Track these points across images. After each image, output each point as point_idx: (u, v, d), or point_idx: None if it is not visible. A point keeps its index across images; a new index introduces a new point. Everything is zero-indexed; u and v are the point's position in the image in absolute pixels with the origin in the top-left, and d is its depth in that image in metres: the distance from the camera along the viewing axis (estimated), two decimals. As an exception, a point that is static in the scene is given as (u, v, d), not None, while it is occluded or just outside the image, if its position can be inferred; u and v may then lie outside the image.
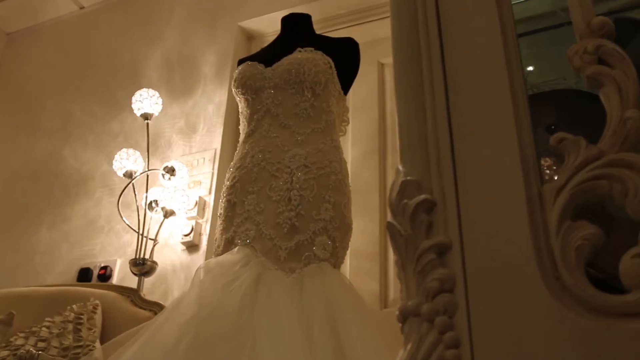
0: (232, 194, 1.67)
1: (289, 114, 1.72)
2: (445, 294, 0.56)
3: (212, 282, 1.42)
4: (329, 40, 1.93)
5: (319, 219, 1.57)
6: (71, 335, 1.59)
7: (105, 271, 2.23)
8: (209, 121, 2.39)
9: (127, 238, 2.31)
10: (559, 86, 0.90)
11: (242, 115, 1.85)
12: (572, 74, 0.98)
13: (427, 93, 0.66)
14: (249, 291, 1.39)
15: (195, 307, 1.35)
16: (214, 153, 2.30)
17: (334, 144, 1.74)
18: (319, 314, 1.37)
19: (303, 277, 1.49)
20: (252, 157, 1.69)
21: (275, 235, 1.54)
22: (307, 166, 1.63)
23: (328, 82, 1.78)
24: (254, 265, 1.47)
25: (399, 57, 0.71)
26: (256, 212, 1.60)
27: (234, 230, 1.61)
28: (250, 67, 1.83)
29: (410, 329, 0.57)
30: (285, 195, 1.59)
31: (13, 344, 1.64)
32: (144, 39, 2.79)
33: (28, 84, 3.06)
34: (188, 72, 2.57)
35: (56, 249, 2.44)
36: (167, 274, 2.15)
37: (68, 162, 2.66)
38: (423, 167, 0.63)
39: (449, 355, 0.53)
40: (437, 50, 0.68)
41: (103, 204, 2.44)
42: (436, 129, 0.64)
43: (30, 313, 1.90)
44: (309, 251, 1.53)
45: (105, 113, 2.69)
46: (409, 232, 0.60)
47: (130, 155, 2.18)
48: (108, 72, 2.82)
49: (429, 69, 0.67)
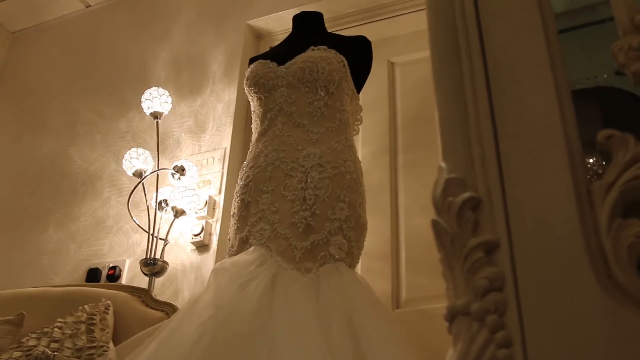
0: (245, 193, 1.66)
1: (302, 112, 1.71)
2: (495, 293, 0.55)
3: (228, 282, 1.41)
4: (341, 38, 1.92)
5: (334, 219, 1.56)
6: (84, 335, 1.57)
7: (114, 271, 2.22)
8: (218, 120, 2.38)
9: (136, 238, 2.29)
10: (590, 84, 0.89)
11: (254, 114, 1.84)
12: (600, 71, 0.97)
13: (468, 90, 0.66)
14: (266, 292, 1.38)
15: (212, 308, 1.34)
16: (224, 152, 2.29)
17: (348, 143, 1.73)
18: (337, 315, 1.36)
19: (319, 278, 1.47)
20: (265, 156, 1.68)
21: (291, 234, 1.53)
22: (322, 165, 1.62)
23: (342, 80, 1.77)
24: (270, 265, 1.46)
25: (438, 55, 0.70)
26: (271, 211, 1.59)
27: (248, 230, 1.60)
28: (263, 65, 1.82)
29: (459, 328, 0.56)
30: (300, 194, 1.58)
31: (25, 345, 1.62)
32: (151, 38, 2.78)
33: (33, 83, 3.04)
34: (196, 71, 2.56)
35: (64, 249, 2.42)
36: (177, 274, 2.14)
37: (75, 161, 2.65)
38: (466, 164, 0.62)
39: (501, 354, 0.53)
40: (477, 47, 0.67)
41: (111, 203, 2.43)
42: (479, 126, 0.63)
43: (41, 313, 1.89)
44: (324, 251, 1.52)
45: (113, 112, 2.68)
46: (456, 230, 0.59)
47: (140, 155, 2.17)
48: (115, 71, 2.80)
49: (470, 67, 0.67)
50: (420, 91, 2.38)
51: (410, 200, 2.20)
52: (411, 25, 2.47)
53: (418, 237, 2.12)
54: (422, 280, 2.07)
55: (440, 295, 2.18)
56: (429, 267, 2.08)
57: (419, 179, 2.22)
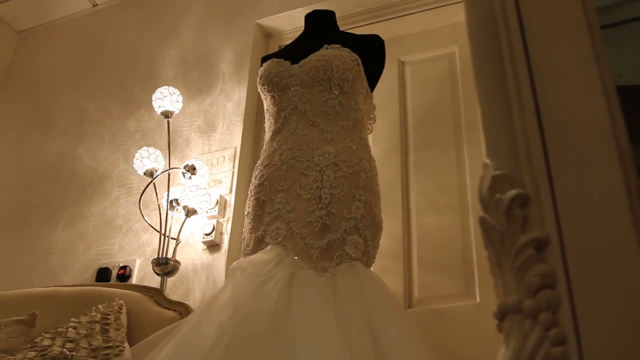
0: (260, 193, 1.65)
1: (317, 111, 1.70)
2: (547, 290, 0.55)
3: (246, 281, 1.41)
4: (355, 37, 1.92)
5: (350, 218, 1.56)
6: (99, 335, 1.56)
7: (124, 271, 2.20)
8: (228, 119, 2.37)
9: (146, 237, 2.28)
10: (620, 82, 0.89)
11: (267, 112, 1.83)
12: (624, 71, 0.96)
13: (511, 86, 0.65)
14: (284, 291, 1.38)
15: (231, 308, 1.33)
16: (234, 151, 2.28)
17: (362, 142, 1.72)
18: (356, 314, 1.36)
19: (336, 277, 1.47)
20: (280, 155, 1.67)
21: (307, 234, 1.53)
22: (337, 164, 1.62)
23: (355, 79, 1.76)
24: (287, 264, 1.46)
25: (478, 51, 0.69)
26: (286, 210, 1.58)
27: (263, 229, 1.59)
28: (276, 64, 1.81)
29: (511, 325, 0.55)
30: (315, 193, 1.58)
31: (39, 345, 1.61)
32: (159, 37, 2.77)
33: (41, 83, 3.03)
34: (205, 70, 2.55)
35: (73, 249, 2.41)
36: (188, 274, 2.13)
37: (84, 160, 2.64)
38: (512, 161, 0.62)
39: (556, 352, 0.52)
40: (519, 42, 0.67)
41: (121, 203, 2.42)
42: (524, 122, 0.63)
43: (52, 313, 1.88)
44: (340, 250, 1.51)
45: (121, 111, 2.67)
46: (505, 227, 0.58)
47: (151, 154, 2.16)
48: (123, 70, 2.79)
49: (512, 62, 0.66)
50: (431, 90, 2.38)
51: (421, 199, 2.19)
52: (421, 24, 2.47)
53: (430, 236, 2.12)
54: (434, 279, 2.06)
55: (452, 295, 2.18)
56: (441, 267, 2.08)
57: (430, 178, 2.21)
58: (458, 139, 2.23)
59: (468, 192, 2.13)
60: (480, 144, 2.27)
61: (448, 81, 2.36)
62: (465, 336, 1.90)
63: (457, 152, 2.21)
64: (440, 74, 2.39)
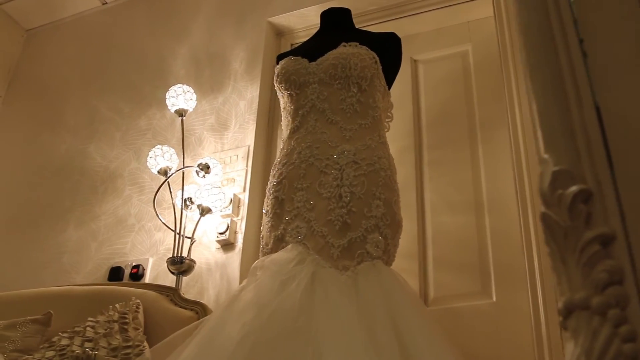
0: (279, 191, 1.64)
1: (335, 109, 1.69)
2: (615, 286, 0.54)
3: (268, 280, 1.40)
4: (372, 34, 1.91)
5: (371, 216, 1.55)
6: (118, 335, 1.55)
7: (137, 270, 2.19)
8: (241, 118, 2.36)
9: (159, 236, 2.27)
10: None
11: (284, 110, 1.82)
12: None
13: (567, 81, 0.64)
14: (307, 290, 1.37)
15: (254, 307, 1.32)
16: (247, 150, 2.27)
17: (381, 140, 1.72)
18: (380, 313, 1.35)
19: (357, 275, 1.46)
20: (299, 153, 1.66)
21: (328, 232, 1.52)
22: (357, 162, 1.61)
23: (374, 77, 1.76)
24: (309, 263, 1.45)
25: (531, 46, 0.68)
26: (306, 209, 1.57)
27: (283, 228, 1.58)
28: (294, 61, 1.80)
29: (578, 322, 0.54)
30: (335, 191, 1.57)
31: (58, 345, 1.60)
32: (170, 35, 2.76)
33: (50, 81, 3.01)
34: (217, 68, 2.54)
35: (84, 248, 2.40)
36: (202, 273, 2.12)
37: (95, 159, 2.62)
38: (572, 156, 0.61)
39: (627, 349, 0.51)
40: (574, 37, 0.66)
41: (133, 201, 2.41)
42: (583, 117, 0.62)
43: (68, 312, 1.87)
44: (361, 249, 1.51)
45: (132, 110, 2.65)
46: (568, 223, 0.57)
47: (165, 152, 2.14)
48: (133, 69, 2.78)
49: (567, 57, 0.65)
50: (444, 89, 2.37)
51: (436, 198, 2.19)
52: (433, 22, 2.46)
53: (445, 235, 2.11)
54: (449, 278, 2.06)
55: (468, 294, 2.17)
56: (456, 265, 2.08)
57: (445, 176, 2.21)
58: (472, 137, 2.23)
59: (483, 190, 2.13)
60: (495, 143, 2.28)
61: (461, 79, 2.35)
62: (481, 335, 1.90)
63: (472, 151, 2.21)
64: (453, 73, 2.38)
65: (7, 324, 1.80)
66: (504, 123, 2.13)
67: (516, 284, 1.91)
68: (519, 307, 1.87)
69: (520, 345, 1.83)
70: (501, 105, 2.17)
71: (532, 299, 1.81)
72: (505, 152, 2.10)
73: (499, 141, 2.15)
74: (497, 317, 1.92)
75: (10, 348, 1.74)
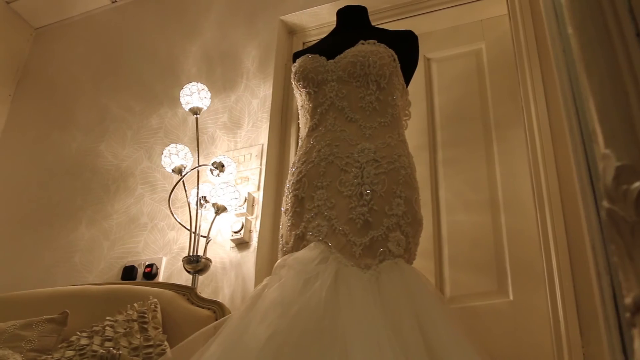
0: (299, 189, 1.63)
1: (354, 107, 1.68)
2: (686, 283, 0.53)
3: (293, 279, 1.39)
4: (389, 32, 1.90)
5: (392, 215, 1.54)
6: (139, 334, 1.54)
7: (150, 269, 2.18)
8: (254, 116, 2.35)
9: (172, 235, 2.26)
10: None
11: (302, 108, 1.81)
12: None
13: (625, 74, 0.63)
14: (331, 289, 1.36)
15: (280, 306, 1.31)
16: (261, 149, 2.26)
17: (400, 138, 1.71)
18: (405, 312, 1.34)
19: (380, 274, 1.46)
20: (318, 151, 1.65)
21: (349, 230, 1.51)
22: (377, 160, 1.60)
23: (392, 75, 1.75)
24: (331, 261, 1.44)
25: (586, 40, 0.67)
26: (327, 207, 1.56)
27: (304, 226, 1.57)
28: (311, 59, 1.79)
29: (648, 319, 0.54)
30: (356, 190, 1.56)
31: (77, 344, 1.59)
32: (181, 33, 2.75)
33: (59, 80, 3.00)
34: (229, 66, 2.53)
35: (96, 247, 2.38)
36: (217, 272, 2.11)
37: (106, 158, 2.61)
38: (634, 151, 0.60)
39: (701, 346, 0.51)
40: (630, 29, 0.65)
41: (145, 200, 2.39)
42: (643, 111, 0.61)
43: (83, 312, 1.85)
44: (383, 247, 1.50)
45: (144, 108, 2.64)
46: (634, 218, 0.57)
47: (179, 151, 2.13)
48: (144, 67, 2.77)
49: (625, 50, 0.64)
50: (458, 87, 2.36)
51: (451, 196, 2.18)
52: (447, 20, 2.46)
53: (460, 234, 2.11)
54: (466, 277, 2.05)
55: (484, 293, 2.16)
56: (472, 264, 2.07)
57: (459, 175, 2.20)
58: (487, 135, 2.22)
59: (499, 189, 2.12)
60: (510, 141, 2.26)
61: (475, 78, 2.35)
62: (499, 334, 1.89)
63: (487, 149, 2.20)
64: (467, 71, 2.37)
65: (24, 324, 1.79)
66: (518, 122, 2.12)
67: (533, 282, 1.90)
68: (536, 305, 1.87)
69: (538, 344, 1.82)
70: (516, 104, 2.17)
71: (550, 297, 1.80)
72: (520, 151, 2.09)
73: (514, 140, 2.14)
74: (515, 315, 1.92)
75: (27, 348, 1.72)
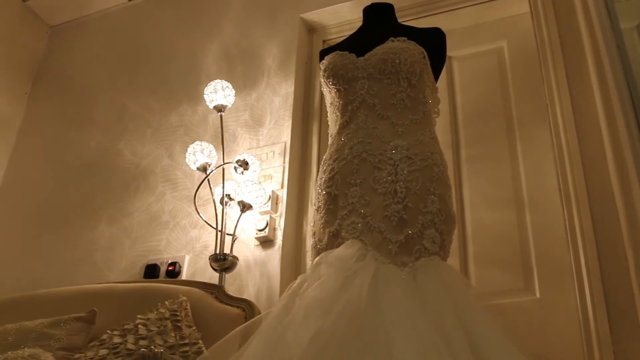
0: (331, 187, 1.63)
1: (386, 104, 1.68)
2: None
3: (333, 277, 1.38)
4: (418, 30, 1.90)
5: (426, 212, 1.54)
6: (173, 332, 1.53)
7: (174, 267, 2.17)
8: (276, 114, 2.34)
9: (195, 233, 2.25)
10: None
11: (332, 106, 1.80)
12: None
13: None
14: (371, 287, 1.35)
15: (321, 304, 1.30)
16: (284, 146, 2.25)
17: (432, 135, 1.71)
18: (446, 309, 1.34)
19: (416, 272, 1.45)
20: (350, 149, 1.64)
21: (385, 228, 1.50)
22: (410, 158, 1.59)
23: (423, 72, 1.75)
24: (369, 259, 1.44)
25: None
26: (361, 204, 1.56)
27: (338, 224, 1.56)
28: (341, 56, 1.78)
29: None
30: (390, 187, 1.55)
31: (110, 342, 1.58)
32: (200, 32, 2.74)
33: (76, 78, 2.98)
34: (249, 64, 2.52)
35: (117, 245, 2.37)
36: (241, 270, 2.10)
37: (125, 156, 2.60)
38: None
39: None
40: None
41: (166, 198, 2.38)
42: None
43: (111, 310, 1.85)
44: (418, 245, 1.49)
45: (163, 106, 2.63)
46: None
47: (204, 148, 2.12)
48: (162, 65, 2.76)
49: None
50: (479, 85, 2.36)
51: (475, 194, 2.18)
52: (467, 19, 2.46)
53: (485, 232, 2.11)
54: (491, 275, 2.05)
55: (510, 290, 2.16)
56: (497, 262, 2.07)
57: (483, 173, 2.20)
58: (510, 134, 2.22)
59: (523, 187, 2.12)
60: (534, 139, 2.27)
61: (497, 76, 2.35)
62: (527, 332, 1.89)
63: (510, 147, 2.20)
64: (488, 69, 2.37)
65: (51, 322, 1.78)
66: (542, 120, 2.12)
67: (561, 279, 1.90)
68: (564, 303, 1.87)
69: (567, 342, 1.82)
70: (539, 102, 2.17)
71: (579, 294, 1.80)
72: (545, 149, 2.09)
73: (538, 138, 2.15)
74: (542, 313, 1.92)
75: (56, 346, 1.71)
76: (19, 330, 1.76)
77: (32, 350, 1.65)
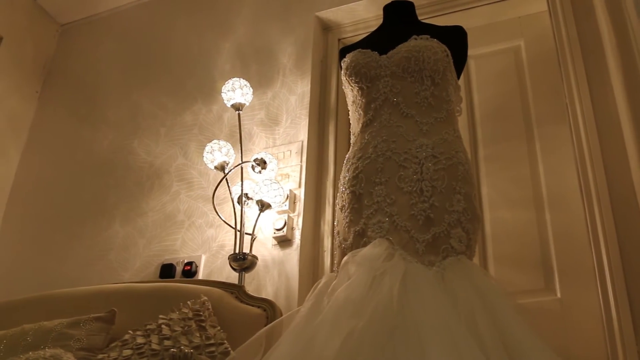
0: (356, 185, 1.61)
1: (410, 103, 1.67)
2: None
3: (362, 277, 1.36)
4: (440, 28, 1.88)
5: (453, 211, 1.53)
6: (198, 333, 1.52)
7: (190, 267, 2.15)
8: (292, 113, 2.33)
9: (211, 233, 2.24)
10: None
11: (354, 104, 1.79)
12: None
13: None
14: (401, 286, 1.34)
15: (352, 304, 1.29)
16: (301, 145, 2.24)
17: (456, 134, 1.70)
18: (477, 308, 1.32)
19: (444, 271, 1.44)
20: (374, 147, 1.63)
21: (411, 227, 1.49)
22: (436, 156, 1.58)
23: (446, 70, 1.73)
24: (397, 258, 1.42)
25: None
26: (387, 203, 1.54)
27: (364, 223, 1.55)
28: (363, 54, 1.77)
29: None
30: (416, 186, 1.54)
31: (133, 343, 1.56)
32: (213, 30, 2.72)
33: (87, 76, 2.96)
34: (264, 63, 2.50)
35: (132, 245, 2.35)
36: (259, 270, 2.08)
37: (139, 155, 2.58)
38: None
39: None
40: None
41: (181, 198, 2.37)
42: None
43: (130, 310, 1.83)
44: (445, 244, 1.48)
45: (176, 105, 2.61)
46: None
47: (222, 147, 2.10)
48: (175, 64, 2.74)
49: None
50: (496, 84, 2.35)
51: (494, 193, 2.17)
52: (484, 17, 2.45)
53: (505, 231, 2.10)
54: (511, 274, 2.04)
55: (531, 290, 2.15)
56: (518, 262, 2.06)
57: (502, 172, 2.19)
58: (529, 133, 2.22)
59: (543, 186, 2.11)
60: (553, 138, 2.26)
61: (514, 75, 2.34)
62: (549, 332, 1.87)
63: (529, 147, 2.19)
64: (505, 68, 2.36)
65: (71, 322, 1.76)
66: (561, 119, 2.11)
67: (582, 279, 1.89)
68: (586, 303, 1.86)
69: (590, 342, 1.81)
70: (558, 101, 2.16)
71: (602, 294, 1.79)
72: (565, 148, 2.08)
73: (558, 137, 2.13)
74: (564, 314, 1.91)
75: (76, 346, 1.69)
76: (38, 331, 1.74)
77: (53, 350, 1.63)
